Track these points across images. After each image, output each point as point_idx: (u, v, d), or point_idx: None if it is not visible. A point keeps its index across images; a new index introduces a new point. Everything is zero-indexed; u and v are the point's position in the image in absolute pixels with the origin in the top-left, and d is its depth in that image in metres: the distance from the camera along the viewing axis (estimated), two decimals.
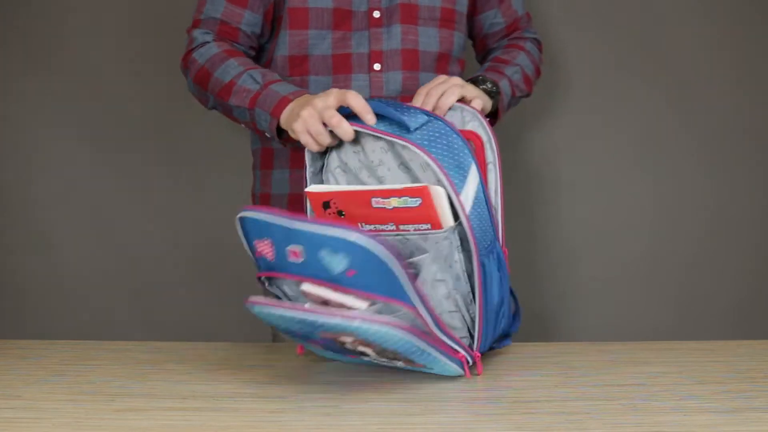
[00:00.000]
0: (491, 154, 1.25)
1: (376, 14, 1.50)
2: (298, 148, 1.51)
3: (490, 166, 1.25)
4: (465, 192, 1.19)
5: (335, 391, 1.15)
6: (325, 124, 1.25)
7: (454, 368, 1.19)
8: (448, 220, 1.18)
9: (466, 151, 1.20)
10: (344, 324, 1.04)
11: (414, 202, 1.18)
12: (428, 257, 1.19)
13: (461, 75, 1.60)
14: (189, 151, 2.17)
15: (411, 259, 1.19)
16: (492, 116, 1.51)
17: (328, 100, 1.26)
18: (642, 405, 1.07)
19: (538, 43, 1.69)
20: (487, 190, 1.24)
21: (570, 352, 1.34)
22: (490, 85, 1.47)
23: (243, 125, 1.47)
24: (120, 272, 2.18)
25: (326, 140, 1.26)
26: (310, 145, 1.27)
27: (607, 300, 2.18)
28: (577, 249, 2.18)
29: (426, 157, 1.16)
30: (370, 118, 1.22)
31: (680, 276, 2.18)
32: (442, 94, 1.32)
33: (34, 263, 2.18)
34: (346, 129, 1.23)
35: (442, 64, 1.55)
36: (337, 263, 1.05)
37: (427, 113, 1.23)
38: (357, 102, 1.23)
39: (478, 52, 1.71)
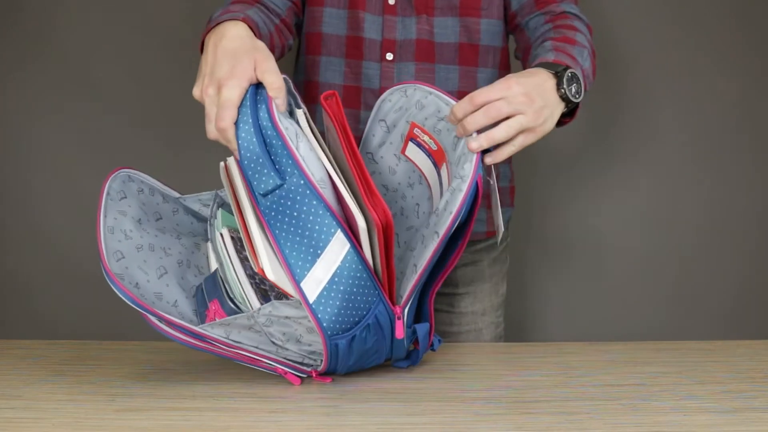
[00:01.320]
0: (446, 227, 1.11)
1: (391, 1, 1.45)
2: None
3: (437, 237, 1.12)
4: (316, 271, 1.09)
5: (335, 391, 1.15)
6: None
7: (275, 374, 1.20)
8: (295, 296, 1.11)
9: (327, 220, 1.09)
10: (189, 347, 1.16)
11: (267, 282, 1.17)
12: (276, 310, 1.12)
13: (497, 65, 1.48)
14: (190, 150, 2.17)
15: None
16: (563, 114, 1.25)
17: (236, 89, 1.10)
18: (642, 405, 1.07)
19: (586, 24, 1.43)
20: (354, 165, 1.12)
21: (570, 352, 1.34)
22: (574, 90, 1.20)
23: None
24: None
25: (208, 127, 1.13)
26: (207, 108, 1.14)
27: (607, 300, 2.18)
28: (576, 249, 2.18)
29: (268, 236, 1.10)
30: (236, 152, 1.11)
31: (679, 276, 2.18)
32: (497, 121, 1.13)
33: (34, 262, 2.18)
34: (209, 129, 1.13)
35: (468, 56, 1.47)
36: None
37: (289, 167, 1.09)
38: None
39: (510, 32, 1.52)
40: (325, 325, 1.11)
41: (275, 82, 1.12)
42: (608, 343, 1.39)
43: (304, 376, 1.19)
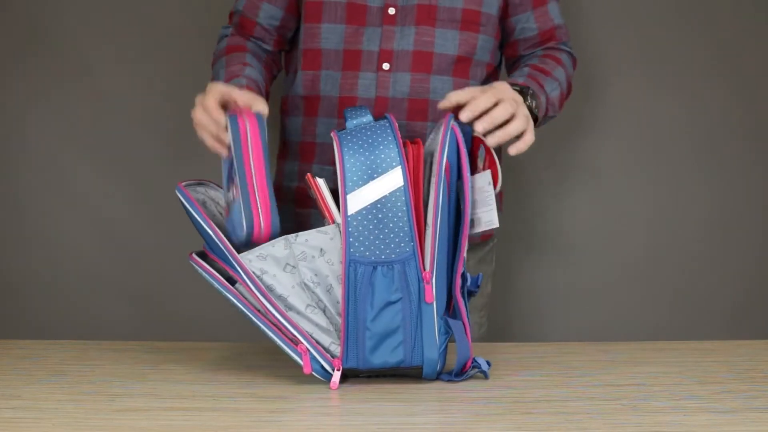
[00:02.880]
0: (437, 168, 1.19)
1: (391, 11, 1.46)
2: (305, 141, 1.53)
3: (433, 179, 1.19)
4: (361, 192, 1.17)
5: (335, 391, 1.15)
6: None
7: (294, 358, 1.18)
8: (334, 214, 1.20)
9: (394, 154, 1.18)
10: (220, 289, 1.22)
11: (312, 193, 1.23)
12: (312, 238, 1.19)
13: (486, 80, 1.53)
14: (189, 149, 2.16)
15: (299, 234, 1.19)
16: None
17: (196, 107, 1.28)
18: (642, 405, 1.07)
19: (573, 58, 1.60)
20: (413, 198, 1.19)
21: (570, 352, 1.34)
22: (534, 104, 1.38)
23: None
24: (120, 272, 2.18)
25: (207, 141, 1.27)
26: (210, 144, 1.28)
27: (607, 300, 2.18)
28: (577, 249, 2.18)
29: (335, 150, 1.20)
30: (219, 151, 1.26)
31: (679, 276, 2.18)
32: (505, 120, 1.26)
33: (34, 263, 2.18)
34: (215, 116, 1.25)
35: (462, 68, 1.50)
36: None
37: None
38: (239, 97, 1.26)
39: (507, 58, 1.61)
40: (351, 239, 1.15)
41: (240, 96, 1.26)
42: (608, 343, 1.39)
43: (326, 364, 1.17)
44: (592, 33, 2.14)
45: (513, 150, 1.28)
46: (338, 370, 1.16)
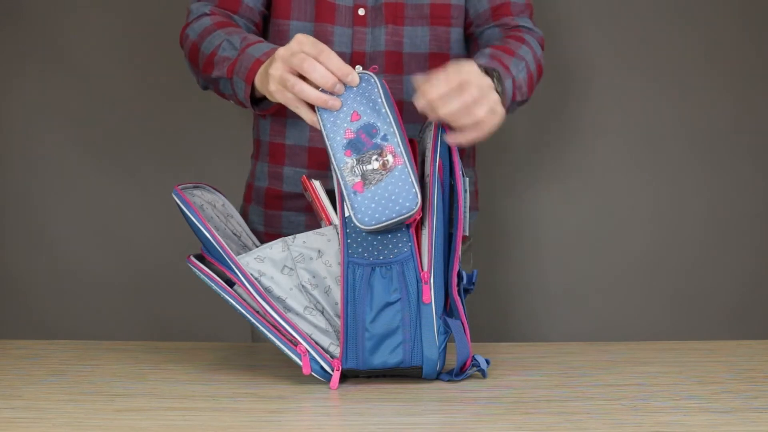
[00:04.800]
0: (430, 167, 1.17)
1: (361, 12, 1.42)
2: (275, 142, 1.48)
3: (427, 179, 1.18)
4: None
5: (335, 391, 1.15)
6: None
7: (293, 358, 1.18)
8: (332, 216, 1.19)
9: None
10: (218, 291, 1.20)
11: (308, 195, 1.22)
12: (309, 240, 1.18)
13: None
14: (189, 150, 2.17)
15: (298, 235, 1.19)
16: None
17: (292, 47, 1.15)
18: (642, 405, 1.07)
19: (539, 37, 1.49)
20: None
21: (570, 352, 1.34)
22: (500, 90, 1.26)
23: (232, 102, 1.37)
24: (120, 272, 2.18)
25: (308, 92, 1.14)
26: (291, 103, 1.17)
27: (607, 300, 2.18)
28: (577, 249, 2.18)
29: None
30: (332, 104, 1.14)
31: (680, 276, 2.18)
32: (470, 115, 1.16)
33: (34, 263, 2.18)
34: (321, 73, 1.13)
35: (437, 64, 1.43)
36: None
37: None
38: (332, 65, 1.14)
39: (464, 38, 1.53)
40: (349, 241, 1.13)
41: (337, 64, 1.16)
42: (608, 343, 1.39)
43: (325, 365, 1.17)
44: (590, 32, 2.14)
45: (451, 139, 1.19)
46: (337, 370, 1.17)
